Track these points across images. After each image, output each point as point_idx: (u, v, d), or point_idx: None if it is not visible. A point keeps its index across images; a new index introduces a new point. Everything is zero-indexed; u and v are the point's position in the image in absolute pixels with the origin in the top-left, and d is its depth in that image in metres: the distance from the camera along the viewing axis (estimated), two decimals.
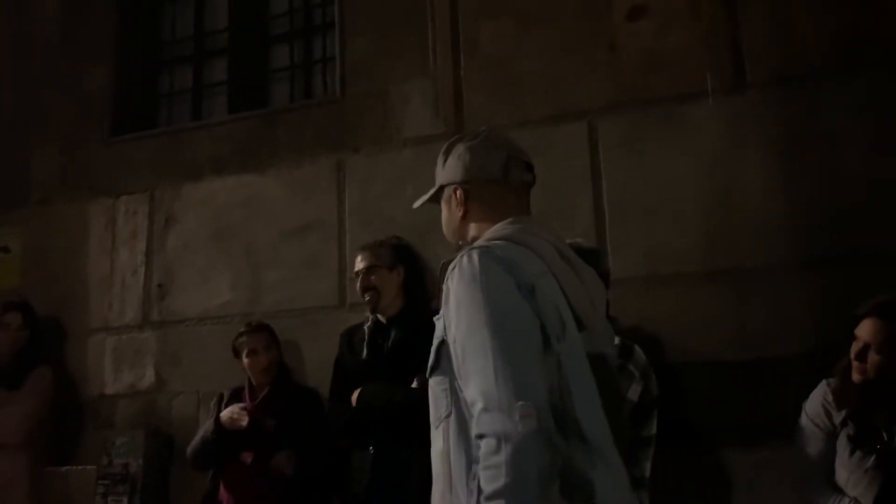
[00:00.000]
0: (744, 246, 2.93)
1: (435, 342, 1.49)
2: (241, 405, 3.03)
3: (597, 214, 3.10)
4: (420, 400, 2.63)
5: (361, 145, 3.61)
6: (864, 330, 2.30)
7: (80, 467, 3.67)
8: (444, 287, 1.47)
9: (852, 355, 2.31)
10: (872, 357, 2.27)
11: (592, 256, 2.33)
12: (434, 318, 1.55)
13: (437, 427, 1.45)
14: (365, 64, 3.69)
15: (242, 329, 3.23)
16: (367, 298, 2.88)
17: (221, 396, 3.19)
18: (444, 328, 1.44)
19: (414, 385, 2.68)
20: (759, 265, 2.90)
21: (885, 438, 2.21)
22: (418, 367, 2.67)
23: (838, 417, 2.31)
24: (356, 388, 2.77)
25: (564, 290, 1.46)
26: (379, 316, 2.90)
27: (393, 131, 3.57)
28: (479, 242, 1.51)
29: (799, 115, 2.96)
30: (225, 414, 3.02)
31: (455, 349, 1.39)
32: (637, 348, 2.18)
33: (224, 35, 4.31)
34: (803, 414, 2.41)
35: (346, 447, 2.85)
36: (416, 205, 1.78)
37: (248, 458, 2.99)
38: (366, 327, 2.91)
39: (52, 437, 3.62)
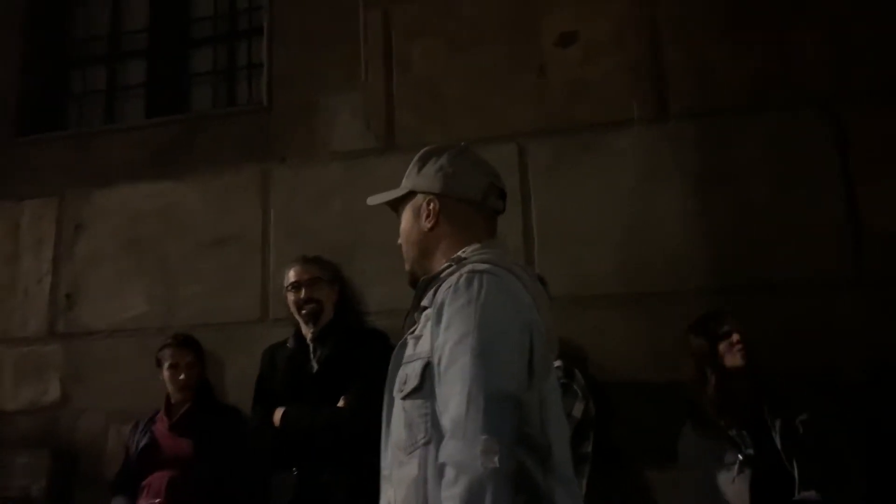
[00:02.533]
0: (660, 271, 3.04)
1: (416, 361, 1.43)
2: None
3: (525, 236, 3.15)
4: (346, 421, 2.65)
5: (288, 156, 3.55)
6: (726, 324, 2.56)
7: None
8: (434, 304, 1.43)
9: (726, 344, 2.51)
10: (738, 336, 2.50)
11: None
12: (409, 336, 1.51)
13: (409, 453, 1.39)
14: (293, 73, 3.64)
15: (169, 340, 3.11)
16: (306, 311, 2.80)
17: (136, 424, 3.06)
18: (431, 349, 1.39)
19: (340, 404, 2.66)
20: (673, 290, 3.02)
21: (741, 445, 2.40)
22: (345, 385, 2.69)
23: (702, 441, 2.49)
24: (279, 408, 2.71)
25: (546, 324, 1.46)
26: (305, 332, 2.84)
27: (321, 144, 3.52)
28: (472, 265, 1.44)
29: (714, 148, 3.11)
30: None
31: (438, 371, 1.36)
32: (577, 371, 2.23)
33: (142, 35, 4.16)
34: (679, 452, 2.60)
35: (267, 468, 2.78)
36: (373, 202, 1.69)
37: (164, 477, 2.87)
38: (288, 346, 2.86)
39: None
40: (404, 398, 1.42)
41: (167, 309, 3.52)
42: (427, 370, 1.39)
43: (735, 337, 2.53)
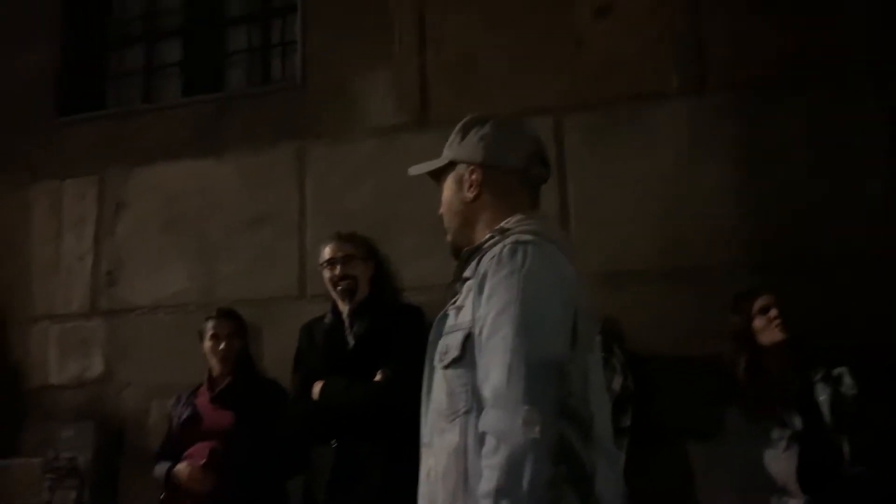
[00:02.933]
0: (700, 246, 3.01)
1: (457, 331, 1.43)
2: (201, 463, 2.90)
3: (562, 211, 3.13)
4: (384, 394, 2.68)
5: (322, 134, 3.56)
6: (760, 301, 2.54)
7: (23, 460, 3.54)
8: (477, 276, 1.41)
9: (763, 320, 2.49)
10: (774, 313, 2.47)
11: None
12: (449, 307, 1.50)
13: (450, 421, 1.39)
14: (327, 51, 3.64)
15: (211, 314, 3.15)
16: (341, 288, 2.82)
17: (179, 397, 3.11)
18: (473, 320, 1.38)
19: (377, 378, 2.68)
20: (713, 265, 2.99)
21: (790, 421, 2.37)
22: (382, 360, 2.71)
23: (750, 417, 2.47)
24: (318, 382, 2.75)
25: (585, 298, 1.43)
26: (342, 307, 2.86)
27: (355, 120, 3.53)
28: (516, 235, 1.42)
29: (755, 121, 3.06)
30: (182, 471, 2.90)
31: (479, 341, 1.35)
32: (616, 346, 2.23)
33: (178, 16, 4.17)
34: (724, 429, 2.57)
35: (307, 440, 2.82)
36: (414, 172, 1.68)
37: (205, 450, 2.93)
38: (325, 321, 2.88)
39: None
40: (445, 368, 1.42)
41: (206, 285, 3.57)
42: (468, 341, 1.39)
43: (773, 312, 2.49)
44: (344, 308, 2.84)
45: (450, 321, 1.46)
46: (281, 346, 3.20)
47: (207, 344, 3.09)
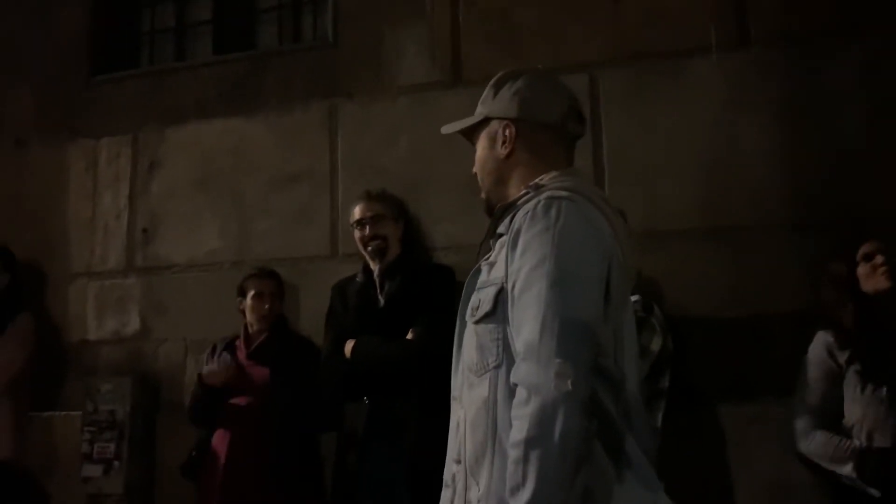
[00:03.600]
0: (742, 205, 2.93)
1: (490, 287, 1.42)
2: (224, 358, 2.99)
3: (596, 169, 3.07)
4: (415, 352, 2.68)
5: (354, 92, 3.52)
6: (867, 245, 2.38)
7: (63, 413, 3.63)
8: (510, 231, 1.40)
9: (865, 268, 2.35)
10: (880, 258, 2.33)
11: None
12: (483, 263, 1.50)
13: (480, 375, 1.39)
14: (358, 8, 3.58)
15: (253, 271, 3.19)
16: (371, 248, 2.82)
17: (214, 348, 3.15)
18: (505, 275, 1.37)
19: (409, 336, 2.68)
20: (755, 224, 2.91)
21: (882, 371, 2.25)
22: (413, 318, 2.71)
23: (843, 357, 2.33)
24: (350, 340, 2.76)
25: (626, 255, 1.42)
26: (373, 267, 2.86)
27: (388, 79, 3.48)
28: (550, 191, 1.40)
29: (801, 76, 2.95)
30: (205, 371, 2.99)
31: (512, 296, 1.34)
32: (656, 306, 2.18)
33: None
34: (805, 364, 2.43)
35: (340, 397, 2.85)
36: (447, 130, 1.66)
37: (241, 403, 2.97)
38: (357, 280, 2.88)
39: (34, 383, 3.55)
40: (476, 322, 1.42)
41: (240, 244, 3.59)
42: (500, 295, 1.38)
43: (879, 259, 2.36)
44: (375, 268, 2.84)
45: (482, 276, 1.45)
46: (314, 305, 3.23)
47: (250, 302, 3.13)
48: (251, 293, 3.12)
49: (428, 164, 3.28)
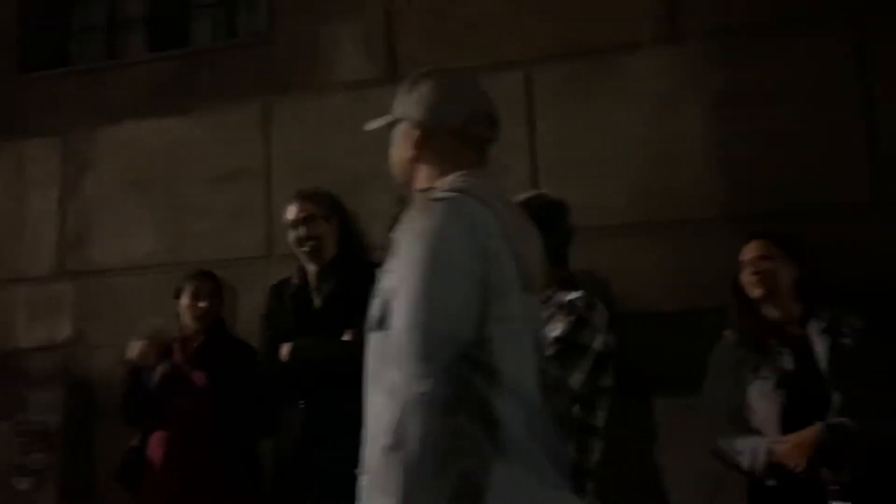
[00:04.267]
0: (679, 198, 2.95)
1: (382, 295, 1.40)
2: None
3: (532, 166, 3.07)
4: (351, 354, 2.63)
5: (290, 89, 3.47)
6: (749, 251, 2.46)
7: None
8: (395, 237, 1.40)
9: (746, 275, 2.43)
10: (764, 265, 2.41)
11: (558, 209, 2.31)
12: (380, 270, 1.48)
13: (373, 384, 1.38)
14: (293, 3, 3.53)
15: (191, 273, 3.12)
16: (307, 249, 2.78)
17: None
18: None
19: (346, 338, 2.64)
20: (693, 217, 2.94)
21: (782, 362, 2.34)
22: (350, 319, 2.67)
23: (740, 353, 2.41)
24: (286, 343, 2.71)
25: (516, 251, 1.42)
26: (310, 268, 2.82)
27: (323, 74, 3.43)
28: (436, 192, 1.42)
29: (735, 68, 2.97)
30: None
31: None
32: (599, 302, 2.18)
33: None
34: (710, 363, 2.51)
35: (276, 401, 2.80)
36: (370, 128, 1.66)
37: (179, 407, 2.91)
38: (293, 282, 2.83)
39: None
40: (372, 331, 1.41)
41: (176, 246, 3.51)
42: (389, 303, 1.37)
43: (748, 269, 2.44)
44: (311, 268, 2.80)
45: (381, 284, 1.43)
46: (250, 307, 3.17)
47: (185, 302, 3.06)
48: (188, 292, 3.05)
49: (365, 160, 3.22)
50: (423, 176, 1.53)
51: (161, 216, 3.55)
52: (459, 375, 1.28)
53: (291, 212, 2.82)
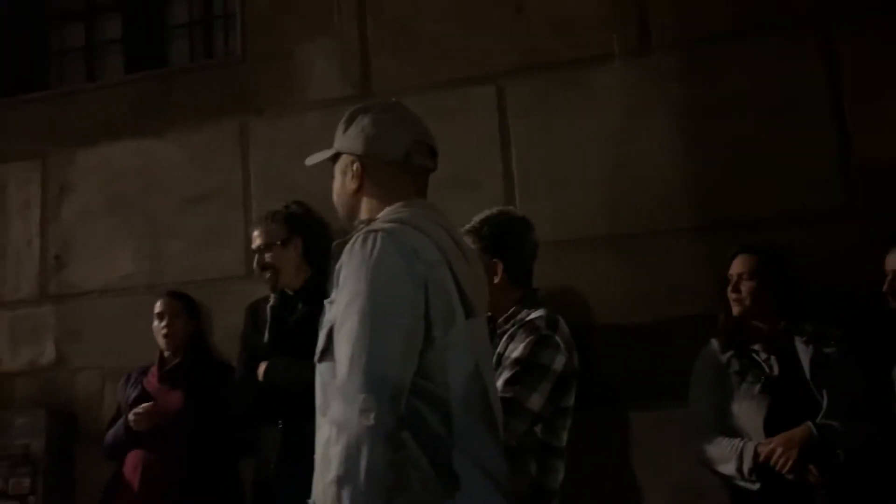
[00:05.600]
0: (647, 210, 2.96)
1: (326, 326, 1.44)
2: (144, 406, 2.91)
3: (506, 180, 3.08)
4: None
5: (265, 108, 3.49)
6: (735, 265, 2.48)
7: None
8: (336, 269, 1.42)
9: (729, 290, 2.45)
10: (746, 285, 2.43)
11: (523, 225, 2.32)
12: (326, 301, 1.50)
13: (322, 415, 1.41)
14: (266, 21, 3.54)
15: (161, 294, 3.15)
16: (267, 276, 2.79)
17: (128, 377, 3.10)
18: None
19: None
20: (661, 229, 2.95)
21: (766, 367, 2.35)
22: None
23: (725, 359, 2.43)
24: (262, 363, 2.72)
25: (457, 278, 1.43)
26: (286, 290, 2.83)
27: (297, 94, 3.44)
28: (375, 224, 1.45)
29: (701, 79, 2.99)
30: (132, 418, 2.91)
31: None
32: (561, 321, 2.17)
33: None
34: (695, 369, 2.53)
35: (253, 421, 2.81)
36: (310, 162, 1.71)
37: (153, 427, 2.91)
38: (269, 307, 2.83)
39: None
40: (319, 362, 1.42)
41: (154, 267, 3.52)
42: (333, 334, 1.39)
43: (730, 286, 2.46)
44: (272, 296, 2.81)
45: (325, 315, 1.45)
46: (229, 326, 3.18)
47: (155, 324, 3.07)
48: (156, 315, 3.06)
49: None
50: (365, 208, 1.56)
51: (139, 237, 3.56)
52: (404, 407, 1.30)
53: (253, 239, 2.83)
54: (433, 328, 1.36)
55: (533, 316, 2.14)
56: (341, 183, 1.60)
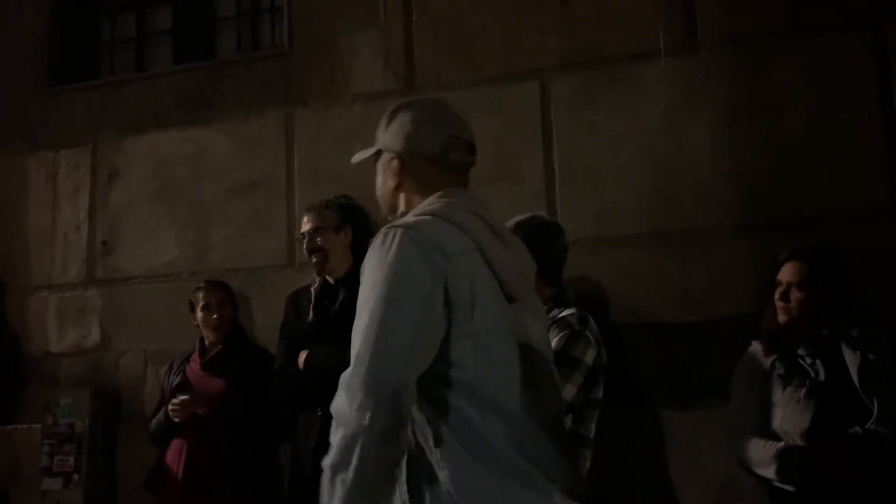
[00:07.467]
0: (690, 208, 2.95)
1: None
2: (183, 397, 2.96)
3: (547, 175, 3.09)
4: None
5: (310, 100, 3.53)
6: (786, 272, 2.39)
7: (24, 426, 3.63)
8: (363, 264, 1.45)
9: (777, 297, 2.39)
10: (795, 295, 2.35)
11: (552, 229, 2.38)
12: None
13: None
14: (312, 14, 3.58)
15: (201, 284, 3.18)
16: (314, 260, 2.83)
17: (171, 365, 3.15)
18: None
19: None
20: (704, 227, 2.93)
21: (812, 372, 2.30)
22: None
23: (769, 362, 2.38)
24: (302, 351, 2.76)
25: (492, 266, 1.45)
26: (327, 277, 2.86)
27: (342, 86, 3.48)
28: (403, 219, 1.48)
29: (748, 77, 2.96)
30: (171, 409, 2.96)
31: None
32: (591, 318, 2.26)
33: None
34: (736, 371, 2.48)
35: (293, 408, 2.84)
36: (355, 160, 1.74)
37: (197, 415, 2.96)
38: (312, 289, 2.87)
39: None
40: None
41: (198, 254, 3.59)
42: None
43: (777, 294, 2.38)
44: (316, 280, 2.84)
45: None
46: (270, 314, 3.22)
47: (200, 314, 3.12)
48: (199, 305, 3.12)
49: None
50: (404, 203, 1.59)
51: (184, 225, 3.63)
52: (403, 407, 1.33)
53: (302, 224, 2.88)
54: (456, 315, 1.38)
55: (565, 313, 2.24)
56: (382, 180, 1.63)
